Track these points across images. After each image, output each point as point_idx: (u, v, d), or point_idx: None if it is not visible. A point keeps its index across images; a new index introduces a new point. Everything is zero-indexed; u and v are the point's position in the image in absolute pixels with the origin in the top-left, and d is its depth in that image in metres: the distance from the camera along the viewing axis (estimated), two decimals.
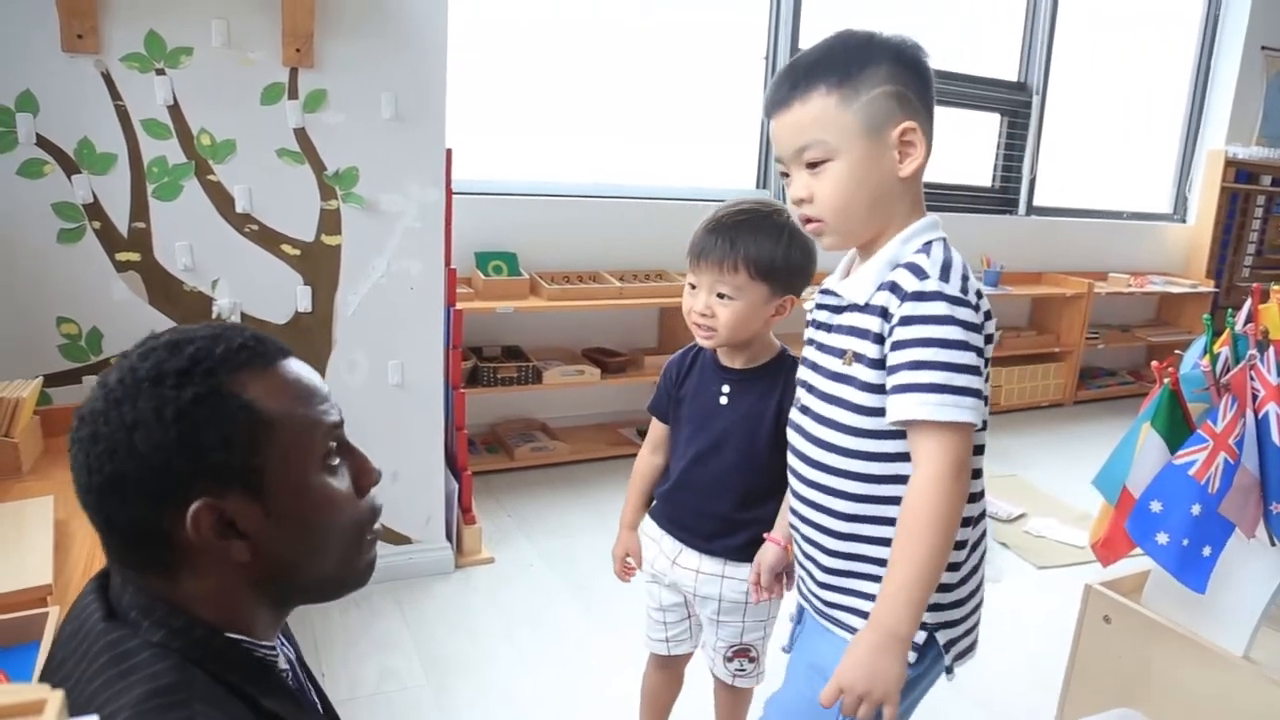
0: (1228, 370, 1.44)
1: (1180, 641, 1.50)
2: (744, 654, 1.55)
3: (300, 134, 2.14)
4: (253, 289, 2.18)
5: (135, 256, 2.05)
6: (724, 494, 1.46)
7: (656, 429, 1.59)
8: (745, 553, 1.45)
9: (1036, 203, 4.79)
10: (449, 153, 2.36)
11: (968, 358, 0.98)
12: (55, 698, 0.60)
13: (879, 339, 1.03)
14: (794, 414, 1.19)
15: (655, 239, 3.68)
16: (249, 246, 2.15)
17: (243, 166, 2.10)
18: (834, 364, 1.10)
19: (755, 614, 1.51)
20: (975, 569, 1.14)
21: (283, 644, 0.86)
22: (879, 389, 1.04)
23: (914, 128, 1.02)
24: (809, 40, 3.81)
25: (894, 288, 1.02)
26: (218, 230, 2.11)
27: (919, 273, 1.01)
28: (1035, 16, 4.56)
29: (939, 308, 0.98)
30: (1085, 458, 1.23)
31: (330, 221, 2.22)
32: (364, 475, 0.83)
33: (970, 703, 2.03)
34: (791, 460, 1.19)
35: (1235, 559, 1.42)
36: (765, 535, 1.40)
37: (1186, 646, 1.49)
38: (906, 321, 1.00)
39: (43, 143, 1.91)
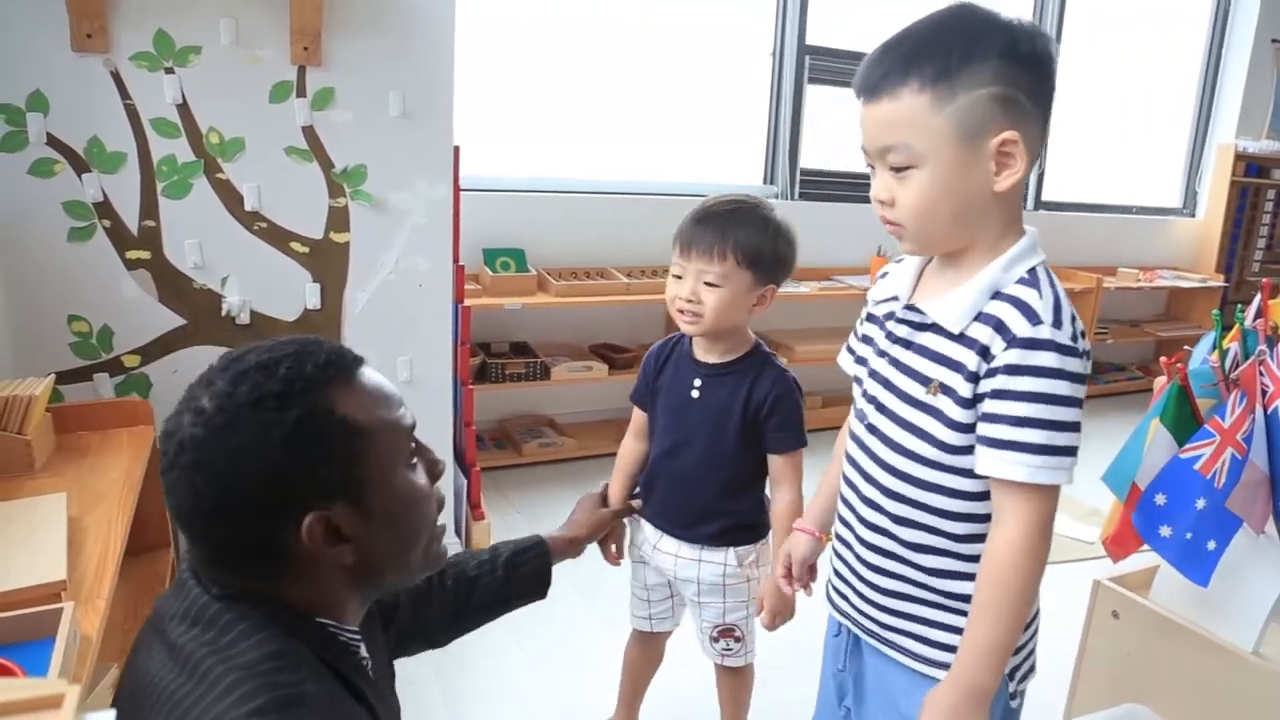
0: (1237, 366, 1.43)
1: (1189, 637, 1.49)
2: (729, 634, 1.58)
3: (308, 132, 2.14)
4: (262, 286, 2.19)
5: (145, 254, 2.06)
6: (697, 486, 1.49)
7: (638, 416, 1.63)
8: (719, 539, 1.50)
9: (1045, 197, 4.78)
10: (456, 150, 2.37)
11: (1072, 414, 0.93)
12: (72, 692, 0.60)
13: (973, 377, 0.95)
14: (859, 428, 1.10)
15: (662, 235, 3.62)
16: (258, 244, 2.16)
17: (251, 164, 2.11)
18: (914, 389, 1.01)
19: (736, 594, 1.54)
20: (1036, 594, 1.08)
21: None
22: (968, 428, 0.97)
23: (1015, 139, 0.91)
24: (816, 36, 3.83)
25: (1000, 326, 0.94)
26: (227, 228, 2.12)
27: (1030, 315, 0.93)
28: (1043, 9, 4.53)
29: (1049, 359, 0.91)
30: (1093, 453, 1.22)
31: (339, 219, 2.23)
32: (433, 467, 0.89)
33: None
34: (852, 475, 1.12)
35: (1244, 554, 1.42)
36: (796, 525, 1.33)
37: (1195, 642, 1.48)
38: (1013, 371, 0.92)
39: (53, 142, 1.92)
